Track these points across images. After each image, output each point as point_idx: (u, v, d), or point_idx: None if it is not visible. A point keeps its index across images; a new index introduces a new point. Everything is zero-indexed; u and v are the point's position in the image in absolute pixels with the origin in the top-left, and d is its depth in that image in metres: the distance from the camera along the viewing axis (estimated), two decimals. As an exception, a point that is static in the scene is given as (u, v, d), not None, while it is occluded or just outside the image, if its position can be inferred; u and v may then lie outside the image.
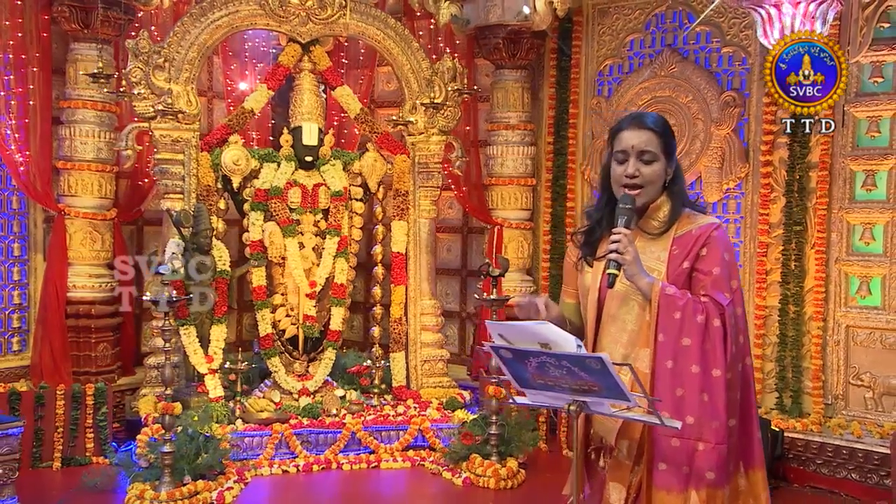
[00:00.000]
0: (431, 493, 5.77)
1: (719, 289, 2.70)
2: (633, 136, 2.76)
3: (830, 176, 6.15)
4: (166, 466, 4.94)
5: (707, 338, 2.66)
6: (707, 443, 2.61)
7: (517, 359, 2.55)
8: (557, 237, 7.36)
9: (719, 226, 2.84)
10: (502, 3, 6.76)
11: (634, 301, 2.78)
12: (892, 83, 6.02)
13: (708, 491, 2.63)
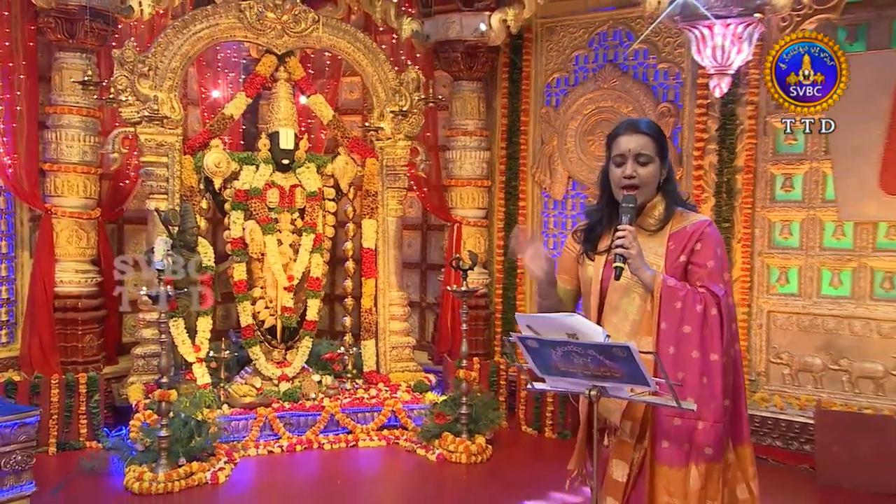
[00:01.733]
0: (408, 469, 5.80)
1: (714, 280, 2.72)
2: (630, 140, 2.78)
3: (754, 178, 6.38)
4: (162, 450, 4.98)
5: (705, 325, 2.68)
6: (706, 421, 2.64)
7: (543, 348, 2.53)
8: (510, 233, 7.38)
9: (711, 223, 2.87)
10: (460, 20, 6.90)
11: (636, 292, 2.77)
12: None
13: (706, 465, 2.67)
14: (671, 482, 2.69)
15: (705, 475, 2.66)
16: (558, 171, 7.30)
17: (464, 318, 5.96)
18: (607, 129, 6.90)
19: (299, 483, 5.53)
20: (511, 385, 6.82)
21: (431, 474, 5.67)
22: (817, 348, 6.11)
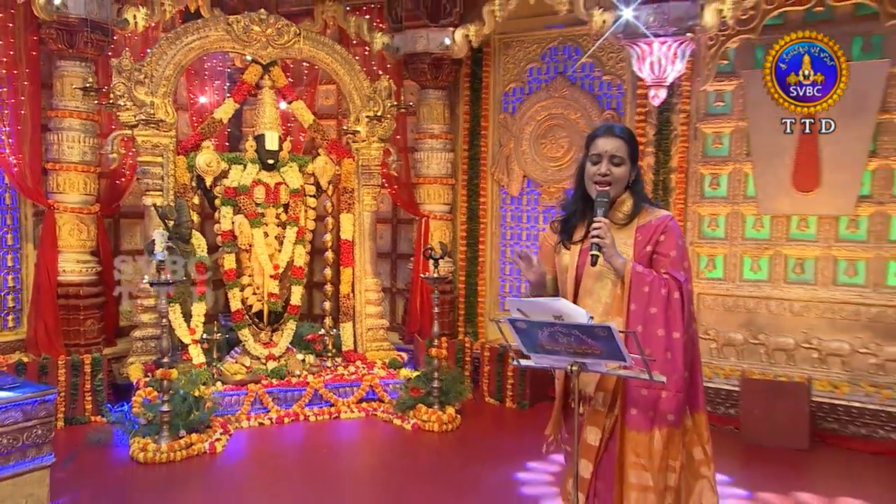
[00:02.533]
0: (386, 437, 5.82)
1: (676, 268, 2.75)
2: (607, 142, 2.78)
3: (686, 178, 6.56)
4: (164, 423, 5.03)
5: (669, 307, 2.71)
6: (669, 391, 2.66)
7: (530, 329, 2.54)
8: (472, 226, 7.61)
9: (672, 218, 2.89)
10: (427, 35, 6.94)
11: (608, 278, 2.79)
12: (730, 106, 6.49)
13: (669, 430, 2.71)
14: (638, 445, 2.72)
15: (667, 438, 2.71)
16: (515, 171, 7.40)
17: (435, 302, 6.03)
18: (559, 134, 7.02)
19: (288, 451, 5.51)
20: (475, 361, 6.89)
21: (407, 442, 5.70)
22: (739, 325, 6.33)
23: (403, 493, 4.80)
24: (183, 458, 4.97)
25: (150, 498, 4.52)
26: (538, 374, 6.57)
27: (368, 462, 5.57)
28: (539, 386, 6.60)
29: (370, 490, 5.03)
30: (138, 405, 5.28)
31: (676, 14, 5.92)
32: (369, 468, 5.47)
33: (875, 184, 5.99)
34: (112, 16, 5.94)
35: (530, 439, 5.72)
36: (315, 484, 4.86)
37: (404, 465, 5.32)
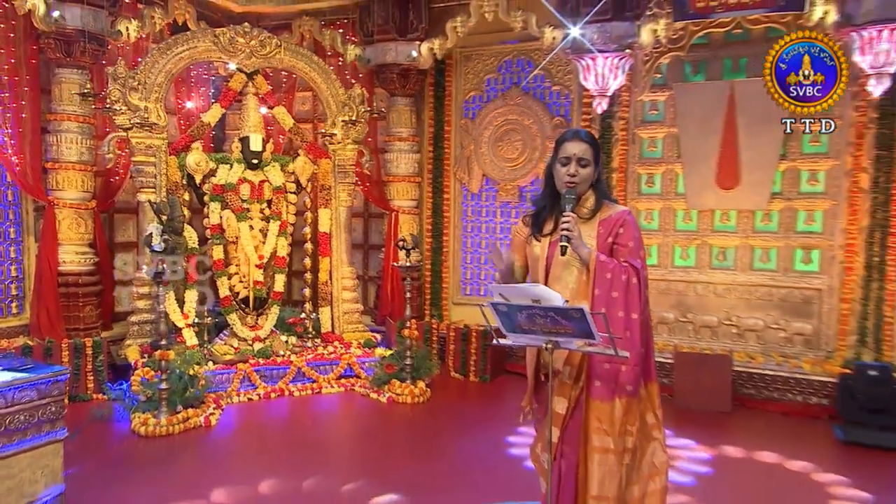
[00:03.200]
0: (364, 409, 5.85)
1: (633, 257, 2.77)
2: (574, 146, 2.80)
3: (625, 177, 6.74)
4: (163, 399, 5.05)
5: (628, 291, 2.72)
6: (628, 365, 2.70)
7: (511, 311, 2.54)
8: (436, 220, 7.68)
9: (630, 213, 2.92)
10: (396, 47, 6.98)
11: (574, 266, 2.79)
12: (663, 114, 6.65)
13: (627, 399, 2.74)
14: (601, 412, 2.75)
15: (626, 406, 2.74)
16: (475, 170, 7.47)
17: (407, 288, 6.07)
18: (514, 137, 7.20)
19: (276, 423, 5.54)
20: (441, 340, 6.98)
21: (383, 413, 5.75)
22: (671, 305, 6.56)
23: (381, 457, 4.87)
24: (181, 430, 5.01)
25: (153, 467, 4.52)
26: (497, 352, 6.76)
27: (349, 431, 5.57)
28: (498, 362, 6.77)
29: (352, 455, 5.07)
30: (137, 384, 5.32)
31: (617, 33, 6.07)
32: (350, 437, 5.48)
33: (785, 183, 6.21)
34: (106, 27, 5.93)
35: (493, 409, 5.96)
36: (301, 451, 4.89)
37: (381, 433, 5.36)
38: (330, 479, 4.43)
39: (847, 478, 4.54)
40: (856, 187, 5.91)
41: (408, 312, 6.08)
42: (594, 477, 2.75)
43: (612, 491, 2.74)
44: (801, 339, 6.23)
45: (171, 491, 4.13)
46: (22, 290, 5.98)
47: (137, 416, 5.03)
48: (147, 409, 5.06)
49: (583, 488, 2.79)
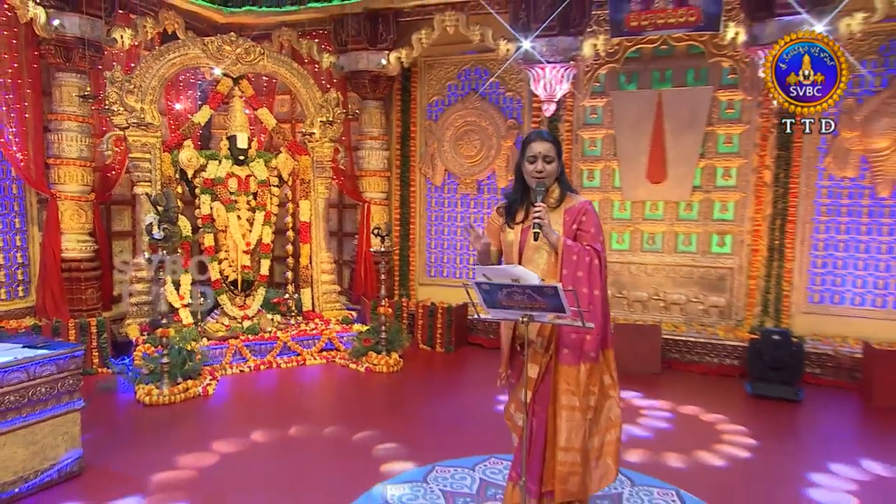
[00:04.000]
0: (344, 378, 5.88)
1: (595, 241, 2.79)
2: (539, 145, 2.82)
3: (570, 172, 6.85)
4: (164, 372, 5.06)
5: (591, 271, 2.76)
6: (590, 335, 2.73)
7: (492, 290, 2.54)
8: (404, 210, 7.72)
9: (591, 202, 2.93)
10: (367, 56, 6.99)
11: (544, 250, 2.81)
12: (601, 118, 6.81)
13: (590, 364, 2.79)
14: (569, 376, 2.80)
15: (589, 370, 2.80)
16: (438, 166, 7.56)
17: (382, 270, 6.13)
18: (472, 137, 7.38)
19: (266, 392, 5.56)
20: (410, 317, 7.05)
21: (362, 381, 5.79)
22: (609, 284, 6.43)
23: (361, 417, 4.89)
24: (181, 399, 5.05)
25: (159, 430, 4.55)
26: (460, 326, 6.89)
27: (331, 398, 5.61)
28: (461, 335, 6.93)
29: (336, 416, 5.08)
30: (139, 358, 5.32)
31: (563, 46, 6.22)
32: (334, 402, 5.52)
33: (703, 177, 6.47)
34: (103, 35, 5.92)
35: (458, 375, 6.18)
36: (290, 415, 4.92)
37: (360, 399, 5.42)
38: (315, 426, 4.59)
39: (746, 427, 4.77)
40: (761, 182, 6.23)
41: (383, 292, 6.16)
42: (562, 431, 2.81)
43: (577, 442, 2.80)
44: (716, 311, 6.53)
45: (178, 448, 4.21)
46: (28, 276, 5.95)
47: (141, 387, 5.05)
48: (150, 381, 5.08)
49: (552, 441, 2.84)
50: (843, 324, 6.10)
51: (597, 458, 2.88)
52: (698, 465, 4.15)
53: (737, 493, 3.78)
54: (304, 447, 4.32)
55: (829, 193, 6.12)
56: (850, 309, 6.11)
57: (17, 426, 3.40)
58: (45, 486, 3.54)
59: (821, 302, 6.21)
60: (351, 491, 3.64)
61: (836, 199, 6.11)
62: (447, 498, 3.59)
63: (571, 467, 2.80)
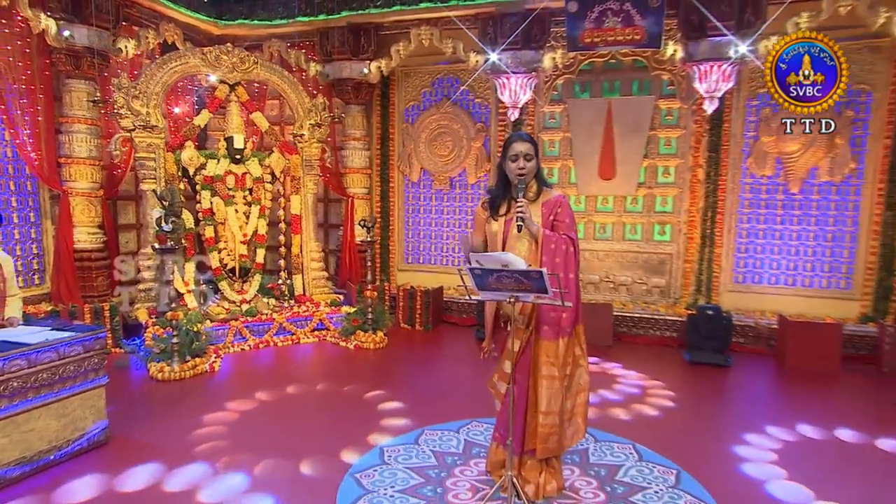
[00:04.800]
0: (335, 355, 5.97)
1: (570, 230, 2.85)
2: (521, 145, 2.84)
3: None
4: (174, 351, 5.15)
5: (567, 257, 2.82)
6: (566, 313, 2.81)
7: (484, 274, 2.58)
8: (384, 204, 7.84)
9: (565, 196, 2.97)
10: (350, 65, 7.09)
11: (525, 239, 2.86)
12: (559, 122, 7.02)
13: (567, 339, 2.87)
14: (549, 349, 2.87)
15: (566, 344, 2.89)
16: (414, 164, 7.70)
17: (369, 258, 6.28)
18: (445, 139, 7.63)
19: (265, 367, 5.59)
20: (392, 299, 7.20)
21: (351, 357, 5.90)
22: None
23: (352, 386, 5.01)
24: (190, 375, 5.14)
25: (173, 402, 4.62)
26: (436, 306, 7.07)
27: (324, 371, 5.58)
28: (437, 314, 7.13)
29: (330, 387, 5.12)
30: (150, 339, 5.40)
31: (526, 59, 6.44)
32: (327, 374, 5.48)
33: (646, 175, 6.76)
34: (109, 45, 5.97)
35: (435, 350, 6.35)
36: (289, 386, 5.02)
37: (350, 372, 5.48)
38: (311, 387, 4.79)
39: (685, 390, 5.05)
40: (695, 179, 6.56)
41: (369, 277, 6.30)
42: (543, 397, 2.88)
43: (556, 407, 2.90)
44: (657, 290, 6.84)
45: (194, 412, 4.37)
46: (42, 265, 5.99)
47: (154, 365, 5.13)
48: (161, 360, 5.16)
49: (533, 406, 2.93)
50: (761, 300, 6.53)
51: (569, 419, 3.01)
52: (644, 421, 4.42)
53: (680, 446, 3.97)
54: (306, 405, 4.60)
55: (750, 189, 6.53)
56: (767, 287, 6.56)
57: (49, 401, 3.49)
58: (76, 454, 3.63)
59: (744, 282, 6.63)
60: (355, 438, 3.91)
61: (756, 195, 6.52)
62: (437, 457, 3.73)
63: (551, 428, 2.91)
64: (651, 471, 3.62)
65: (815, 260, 6.40)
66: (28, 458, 3.39)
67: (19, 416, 3.34)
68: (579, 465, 3.65)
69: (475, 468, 3.60)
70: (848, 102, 5.96)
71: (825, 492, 3.41)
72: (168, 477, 3.49)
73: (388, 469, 3.58)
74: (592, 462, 3.72)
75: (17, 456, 3.34)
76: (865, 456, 3.92)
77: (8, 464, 3.29)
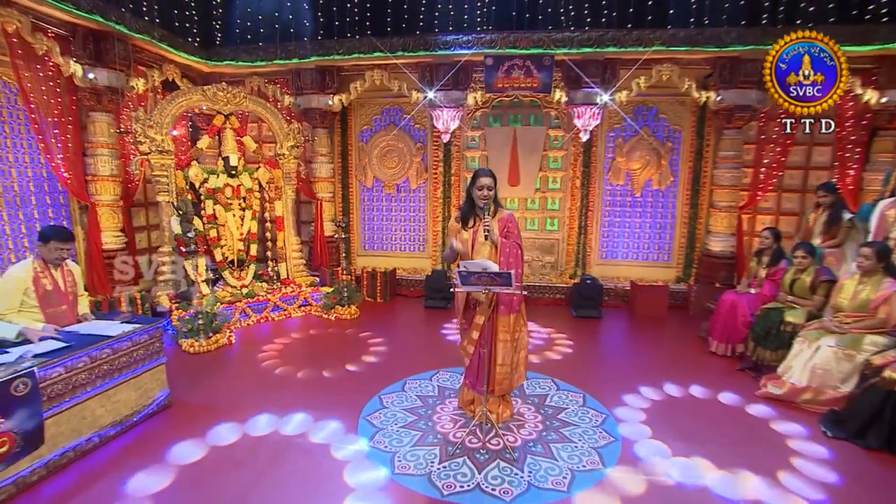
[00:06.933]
0: (321, 324, 6.14)
1: (517, 238, 3.07)
2: (486, 179, 3.06)
3: (459, 179, 7.58)
4: (200, 330, 5.30)
5: (517, 258, 3.03)
6: (517, 296, 3.01)
7: (469, 274, 2.75)
8: (345, 205, 8.03)
9: (513, 214, 3.15)
10: (317, 98, 7.31)
11: (487, 245, 3.02)
12: (479, 143, 7.50)
13: (516, 314, 3.08)
14: (504, 322, 3.09)
15: (516, 318, 3.13)
16: (368, 174, 7.95)
17: (343, 249, 6.70)
18: (392, 155, 8.19)
19: (268, 336, 5.72)
20: (357, 278, 7.30)
21: (334, 325, 6.09)
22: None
23: (339, 347, 5.22)
24: (215, 348, 5.26)
25: (208, 368, 4.73)
26: (391, 283, 7.36)
27: (314, 336, 5.76)
28: (393, 289, 7.46)
29: (317, 344, 5.36)
30: (176, 320, 5.60)
31: (454, 97, 6.94)
32: (313, 336, 5.69)
33: (541, 183, 7.39)
34: (124, 83, 6.09)
35: (395, 317, 6.69)
36: (288, 346, 5.28)
37: (336, 336, 5.67)
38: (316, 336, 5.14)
39: (572, 334, 5.67)
40: (574, 186, 7.37)
41: (344, 265, 6.78)
42: (499, 354, 3.16)
43: (508, 360, 3.17)
44: (550, 265, 7.56)
45: (227, 373, 4.61)
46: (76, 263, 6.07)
47: (184, 341, 5.25)
48: (188, 336, 5.30)
49: (492, 361, 3.19)
50: (617, 269, 7.46)
51: (515, 368, 3.30)
52: (554, 361, 4.87)
53: (582, 377, 4.36)
54: (319, 351, 4.97)
55: (610, 194, 7.42)
56: (621, 261, 7.49)
57: (128, 378, 3.69)
58: (150, 416, 3.83)
59: (607, 257, 7.57)
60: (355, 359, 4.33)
61: (613, 197, 7.42)
62: (422, 399, 3.98)
63: (505, 375, 3.23)
64: (567, 396, 4.03)
65: (649, 242, 7.46)
66: (119, 421, 3.63)
67: (110, 391, 3.55)
68: (521, 397, 3.99)
69: (450, 406, 3.88)
70: (668, 136, 7.33)
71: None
72: (236, 426, 3.64)
73: (389, 411, 3.84)
74: (529, 394, 4.06)
75: (111, 420, 3.57)
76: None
77: (105, 426, 3.53)
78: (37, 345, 3.25)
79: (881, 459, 3.38)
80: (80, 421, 3.38)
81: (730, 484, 3.12)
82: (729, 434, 3.66)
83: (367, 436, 3.57)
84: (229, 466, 3.27)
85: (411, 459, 3.31)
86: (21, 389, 2.96)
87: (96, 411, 3.48)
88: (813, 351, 4.08)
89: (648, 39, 6.47)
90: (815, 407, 4.00)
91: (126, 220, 6.48)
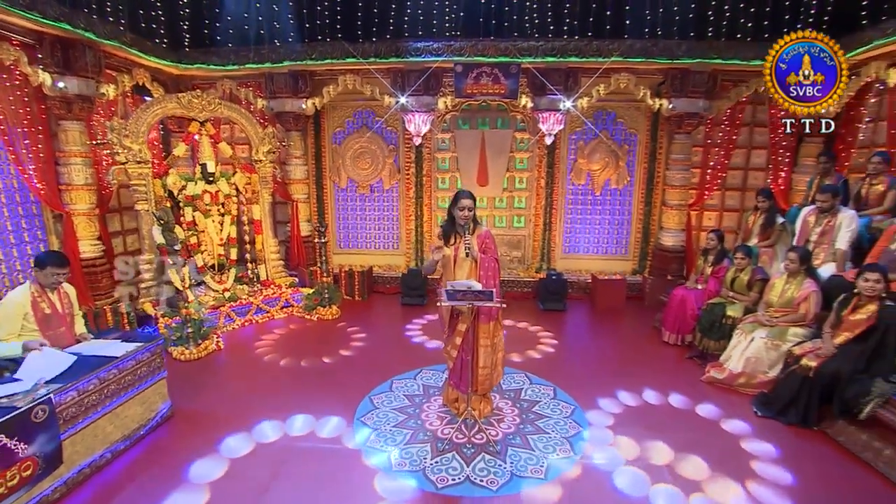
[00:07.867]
0: (303, 325, 6.21)
1: (494, 253, 3.21)
2: (466, 201, 3.18)
3: (431, 179, 7.67)
4: (189, 337, 5.27)
5: (495, 271, 3.15)
6: (496, 306, 3.06)
7: (454, 292, 2.89)
8: (320, 205, 7.98)
9: (489, 230, 3.30)
10: (291, 101, 7.19)
11: (468, 261, 3.15)
12: (448, 145, 7.58)
13: (495, 322, 3.21)
14: (484, 329, 3.23)
15: (494, 326, 3.27)
16: (342, 175, 7.93)
17: (323, 250, 6.66)
18: (365, 156, 8.23)
19: (253, 337, 5.81)
20: (335, 278, 7.34)
21: (316, 325, 6.17)
22: None
23: (320, 345, 5.31)
24: (205, 355, 5.23)
25: (201, 375, 4.73)
26: (368, 282, 7.47)
27: (298, 335, 5.87)
28: (370, 287, 7.59)
29: (303, 345, 5.45)
30: (163, 328, 5.54)
31: (425, 101, 6.94)
32: (299, 338, 5.76)
33: (509, 183, 7.56)
34: (93, 90, 5.87)
35: (373, 315, 6.83)
36: (275, 347, 5.37)
37: (318, 335, 5.77)
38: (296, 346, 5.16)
39: (543, 325, 5.95)
40: (539, 186, 7.61)
41: (324, 265, 6.75)
42: (481, 357, 3.32)
43: (489, 363, 3.32)
44: (518, 260, 7.75)
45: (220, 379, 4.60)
46: (53, 275, 5.91)
47: (174, 349, 5.21)
48: (177, 344, 5.26)
49: (475, 364, 3.33)
50: (579, 263, 7.77)
51: (494, 368, 3.48)
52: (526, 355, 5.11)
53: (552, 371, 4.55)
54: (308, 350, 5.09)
55: (572, 192, 7.69)
56: (583, 255, 7.79)
57: (134, 394, 3.74)
58: (154, 428, 3.89)
59: (570, 252, 7.89)
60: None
61: (575, 196, 7.69)
62: (409, 399, 4.11)
63: (486, 377, 3.41)
64: (539, 390, 4.23)
65: (608, 237, 7.85)
66: (127, 435, 3.68)
67: (118, 408, 3.61)
68: (499, 392, 4.22)
69: (435, 403, 4.03)
70: (625, 140, 7.74)
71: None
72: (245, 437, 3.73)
73: (380, 411, 3.98)
74: (506, 389, 4.28)
75: (120, 435, 3.64)
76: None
77: (115, 441, 3.60)
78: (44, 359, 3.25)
79: (798, 433, 3.86)
80: (93, 439, 3.47)
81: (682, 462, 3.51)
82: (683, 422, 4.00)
83: (364, 438, 3.69)
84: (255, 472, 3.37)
85: (406, 457, 3.49)
86: (40, 416, 3.02)
87: (107, 428, 3.55)
88: (748, 341, 4.45)
89: (608, 50, 6.77)
90: (748, 390, 4.39)
91: (103, 227, 6.31)
